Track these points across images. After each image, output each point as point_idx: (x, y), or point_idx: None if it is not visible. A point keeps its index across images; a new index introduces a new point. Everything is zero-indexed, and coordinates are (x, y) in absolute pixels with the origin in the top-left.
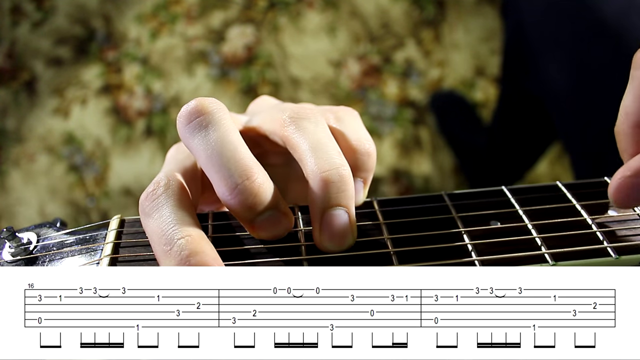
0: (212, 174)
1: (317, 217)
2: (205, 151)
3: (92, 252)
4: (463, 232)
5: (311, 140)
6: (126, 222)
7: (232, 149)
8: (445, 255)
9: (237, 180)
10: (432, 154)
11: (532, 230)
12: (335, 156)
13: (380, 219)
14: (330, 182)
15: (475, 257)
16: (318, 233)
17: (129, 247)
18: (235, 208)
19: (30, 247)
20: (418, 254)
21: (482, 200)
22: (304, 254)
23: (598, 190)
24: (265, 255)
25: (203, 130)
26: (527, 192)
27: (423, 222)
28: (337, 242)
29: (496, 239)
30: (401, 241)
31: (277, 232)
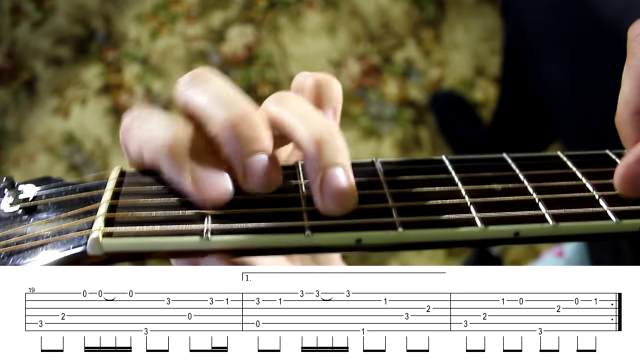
0: (216, 107)
1: (316, 181)
2: (211, 91)
3: (92, 201)
4: (464, 190)
5: (298, 112)
6: (127, 172)
7: (237, 93)
8: (447, 213)
9: (245, 109)
10: (432, 154)
11: (533, 192)
12: (324, 120)
13: (380, 175)
14: (324, 143)
15: (475, 214)
16: (319, 197)
17: (129, 194)
18: (234, 139)
19: (29, 197)
20: (419, 210)
21: (483, 164)
22: (305, 219)
23: (599, 160)
24: (267, 217)
25: (207, 82)
26: (527, 159)
27: (423, 181)
28: (340, 202)
29: (497, 199)
30: (402, 197)
31: (267, 182)
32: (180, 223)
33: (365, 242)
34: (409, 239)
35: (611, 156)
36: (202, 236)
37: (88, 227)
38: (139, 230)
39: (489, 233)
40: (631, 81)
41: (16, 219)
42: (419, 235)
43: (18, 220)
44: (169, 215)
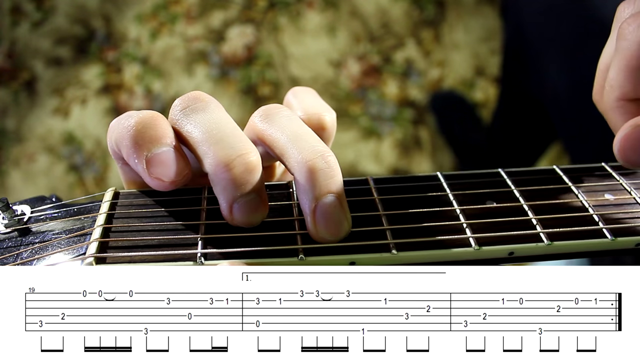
0: (208, 147)
1: (309, 209)
2: (204, 126)
3: (86, 223)
4: (458, 210)
5: (288, 132)
6: (121, 194)
7: (232, 127)
8: (441, 234)
9: (238, 152)
10: (432, 154)
11: (528, 210)
12: (316, 143)
13: (374, 195)
14: (317, 170)
15: (470, 234)
16: (313, 225)
17: (122, 218)
18: (225, 183)
19: (24, 218)
20: (413, 232)
21: (478, 181)
22: (299, 242)
23: (594, 174)
24: (260, 240)
25: (202, 111)
26: (523, 174)
27: (418, 199)
28: (334, 231)
29: (492, 219)
30: (396, 218)
31: (254, 219)
32: (173, 248)
33: (359, 264)
34: (402, 260)
35: (607, 169)
36: (195, 261)
37: (82, 252)
38: (132, 256)
39: (483, 253)
40: (619, 64)
41: (11, 241)
42: (412, 257)
43: (13, 243)
44: (162, 239)
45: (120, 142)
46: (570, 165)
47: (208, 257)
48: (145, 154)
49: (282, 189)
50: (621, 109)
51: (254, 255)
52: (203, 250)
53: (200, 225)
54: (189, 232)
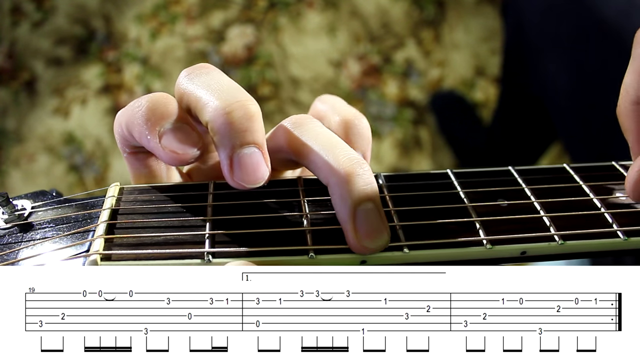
0: (208, 97)
1: (349, 217)
2: (206, 84)
3: (89, 220)
4: (469, 207)
5: (322, 141)
6: (125, 189)
7: (234, 84)
8: (452, 232)
9: (238, 99)
10: (432, 154)
11: (540, 209)
12: (350, 150)
13: (385, 192)
14: (356, 175)
15: (482, 234)
16: (353, 234)
17: (127, 214)
18: (224, 129)
19: (24, 213)
20: (425, 229)
21: (488, 179)
22: (309, 240)
23: (605, 173)
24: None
25: (205, 74)
26: (533, 172)
27: (428, 197)
28: (374, 238)
29: (503, 217)
30: (407, 215)
31: (255, 178)
32: (180, 246)
33: (370, 263)
34: (414, 259)
35: (618, 168)
36: (203, 259)
37: (86, 248)
38: (138, 254)
39: (495, 252)
40: (635, 70)
41: (11, 237)
42: (424, 256)
43: (13, 238)
44: (169, 237)
45: (131, 123)
46: (581, 164)
47: (216, 256)
48: (157, 129)
49: (291, 185)
50: (636, 112)
51: (263, 254)
52: (211, 249)
53: (207, 222)
54: (195, 229)
